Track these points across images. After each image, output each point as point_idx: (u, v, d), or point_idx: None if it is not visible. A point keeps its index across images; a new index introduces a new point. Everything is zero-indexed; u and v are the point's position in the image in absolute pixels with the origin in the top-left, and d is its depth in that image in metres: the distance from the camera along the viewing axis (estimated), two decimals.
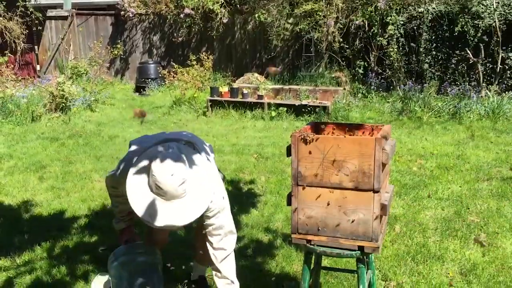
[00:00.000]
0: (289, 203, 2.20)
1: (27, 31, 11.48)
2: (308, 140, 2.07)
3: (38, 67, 12.89)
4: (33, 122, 7.97)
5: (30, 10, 11.10)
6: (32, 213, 4.30)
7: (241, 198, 4.52)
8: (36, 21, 11.47)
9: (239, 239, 3.67)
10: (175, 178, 2.10)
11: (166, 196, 2.13)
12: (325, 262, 3.12)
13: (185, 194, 2.16)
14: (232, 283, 2.46)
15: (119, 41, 12.40)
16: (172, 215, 2.15)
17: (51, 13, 12.49)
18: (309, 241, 2.19)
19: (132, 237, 2.83)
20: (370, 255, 2.38)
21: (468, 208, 4.17)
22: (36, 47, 12.93)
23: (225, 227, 2.43)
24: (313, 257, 2.38)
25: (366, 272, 2.25)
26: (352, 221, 2.08)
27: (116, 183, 2.54)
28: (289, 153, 2.17)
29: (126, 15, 11.85)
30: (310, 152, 2.09)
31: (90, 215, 4.20)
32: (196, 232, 2.94)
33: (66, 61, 12.00)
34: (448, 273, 3.14)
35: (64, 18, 12.39)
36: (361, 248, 2.12)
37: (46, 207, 4.40)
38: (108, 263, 2.69)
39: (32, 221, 4.11)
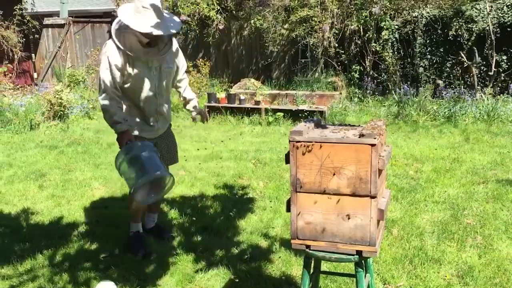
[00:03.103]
0: (288, 209, 2.25)
1: (24, 39, 11.52)
2: (306, 148, 2.12)
3: (35, 75, 12.92)
4: (31, 131, 8.00)
5: (27, 18, 11.14)
6: (33, 221, 4.33)
7: (240, 204, 4.57)
8: (33, 30, 11.50)
9: (238, 244, 3.73)
10: None
11: (152, 8, 3.05)
12: (324, 266, 3.17)
13: (163, 10, 3.15)
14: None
15: None
16: (164, 25, 3.10)
17: (47, 21, 12.53)
18: (308, 246, 2.24)
19: (131, 138, 3.23)
20: (368, 259, 2.43)
21: (464, 211, 4.23)
22: (33, 55, 12.96)
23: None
24: (312, 261, 2.43)
25: (365, 276, 2.29)
26: (350, 226, 2.13)
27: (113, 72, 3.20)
28: (287, 161, 2.22)
29: None
30: (308, 159, 2.14)
31: (90, 223, 4.24)
32: None
33: (63, 68, 12.03)
34: (445, 276, 3.19)
35: (61, 26, 12.42)
36: (359, 253, 2.17)
37: (46, 215, 4.43)
38: (117, 158, 3.09)
39: (33, 229, 4.14)
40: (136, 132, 3.38)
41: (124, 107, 3.36)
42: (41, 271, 3.38)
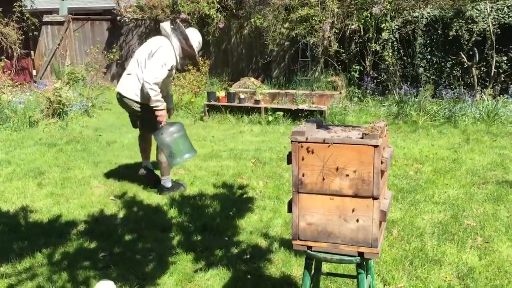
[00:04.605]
0: (289, 210, 2.24)
1: (23, 36, 11.49)
2: (308, 148, 2.11)
3: (34, 72, 12.90)
4: (30, 128, 7.98)
5: (26, 15, 11.11)
6: (32, 219, 4.31)
7: (240, 204, 4.56)
8: (32, 27, 11.47)
9: (237, 243, 3.72)
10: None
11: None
12: (325, 267, 3.16)
13: None
14: None
15: (116, 46, 12.42)
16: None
17: (47, 18, 12.51)
18: (309, 247, 2.23)
19: (166, 114, 4.70)
20: (370, 260, 2.42)
21: (464, 212, 4.22)
22: (32, 52, 12.93)
23: None
24: (313, 262, 2.42)
25: (366, 277, 2.28)
26: (352, 228, 2.12)
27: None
28: (289, 161, 2.20)
29: (122, 20, 11.89)
30: (310, 160, 2.12)
31: (89, 221, 4.22)
32: (143, 138, 5.05)
33: (62, 66, 12.01)
34: (446, 277, 3.18)
35: (60, 23, 12.41)
36: (361, 254, 2.16)
37: (45, 213, 4.41)
38: (158, 135, 4.47)
39: (31, 228, 4.13)
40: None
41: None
42: (40, 270, 3.36)
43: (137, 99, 4.61)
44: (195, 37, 4.72)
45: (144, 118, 4.73)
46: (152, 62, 4.44)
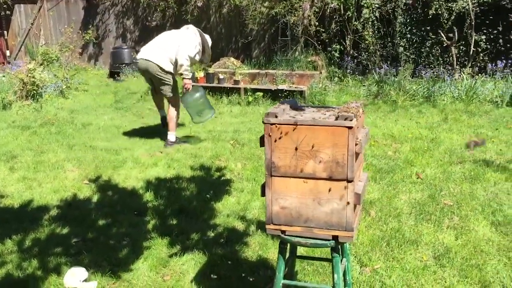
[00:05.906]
0: (263, 194, 2.18)
1: None
2: (281, 130, 2.04)
3: (8, 53, 12.54)
4: (3, 110, 7.76)
5: None
6: (2, 204, 4.19)
7: (217, 186, 4.49)
8: (4, 5, 11.10)
9: (214, 227, 3.66)
10: None
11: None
12: (301, 250, 3.12)
13: None
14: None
15: (92, 25, 12.11)
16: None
17: None
18: (283, 231, 2.17)
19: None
20: (345, 244, 2.38)
21: (442, 192, 4.22)
22: (5, 32, 12.55)
23: None
24: (288, 246, 2.37)
25: (341, 261, 2.24)
26: (326, 211, 2.07)
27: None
28: (262, 143, 2.13)
29: None
30: (283, 142, 2.06)
31: (62, 206, 4.12)
32: (155, 94, 6.16)
33: (36, 46, 11.68)
34: (422, 258, 3.18)
35: (34, 1, 12.03)
36: (335, 238, 2.11)
37: (17, 198, 4.29)
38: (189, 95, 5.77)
39: (2, 213, 4.01)
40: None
41: None
42: (10, 257, 3.27)
43: (164, 67, 5.61)
44: (209, 40, 6.01)
45: (164, 83, 5.76)
46: (189, 41, 5.63)
